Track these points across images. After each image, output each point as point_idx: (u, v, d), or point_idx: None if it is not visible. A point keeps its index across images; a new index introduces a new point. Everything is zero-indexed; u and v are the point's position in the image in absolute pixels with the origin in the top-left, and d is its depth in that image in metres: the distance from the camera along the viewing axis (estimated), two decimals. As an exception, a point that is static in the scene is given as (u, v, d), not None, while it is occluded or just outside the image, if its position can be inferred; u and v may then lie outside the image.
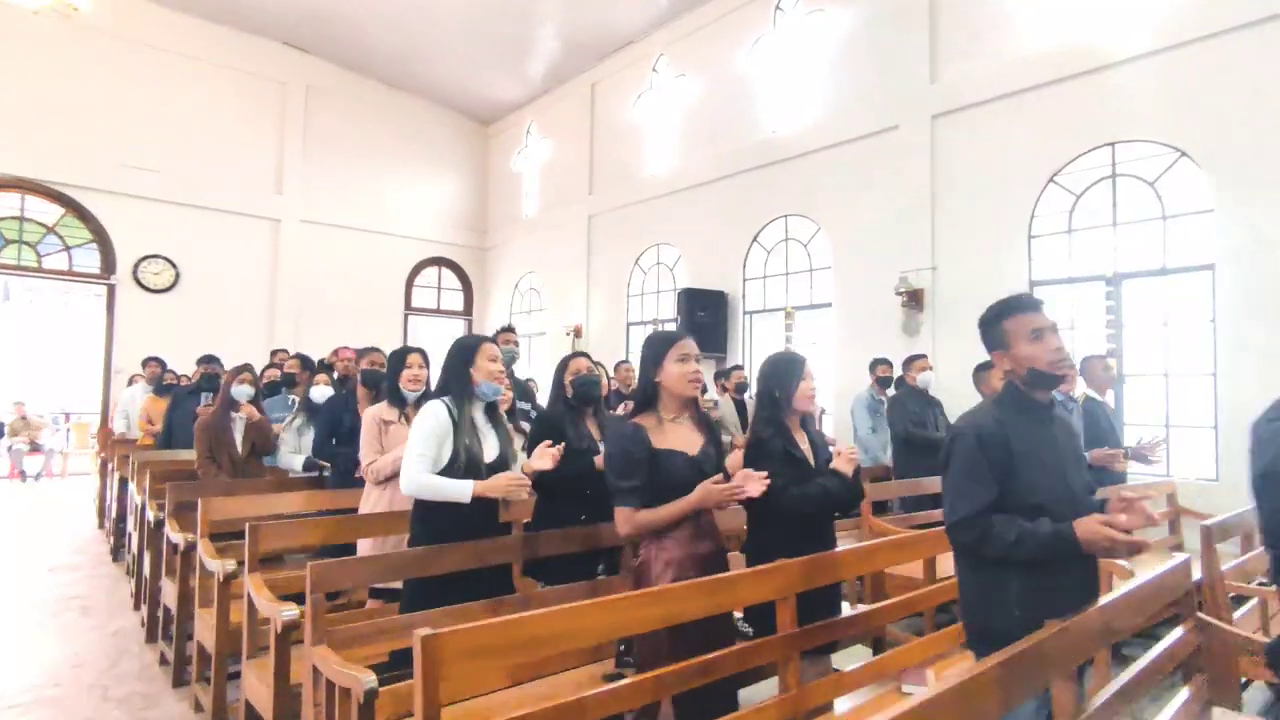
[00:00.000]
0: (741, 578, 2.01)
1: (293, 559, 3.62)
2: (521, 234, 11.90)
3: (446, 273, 12.65)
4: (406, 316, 12.04)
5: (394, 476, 3.05)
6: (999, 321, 1.84)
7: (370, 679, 1.70)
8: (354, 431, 3.56)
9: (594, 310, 10.20)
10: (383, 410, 3.17)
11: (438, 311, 12.54)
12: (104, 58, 9.04)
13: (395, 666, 2.17)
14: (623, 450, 2.09)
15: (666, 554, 2.11)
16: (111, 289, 9.35)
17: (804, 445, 2.35)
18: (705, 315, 7.93)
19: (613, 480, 2.10)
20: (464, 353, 2.43)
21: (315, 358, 5.91)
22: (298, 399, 5.02)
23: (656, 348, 2.17)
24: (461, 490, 2.26)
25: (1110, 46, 5.43)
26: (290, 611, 2.19)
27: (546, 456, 2.41)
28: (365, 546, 3.03)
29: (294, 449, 4.17)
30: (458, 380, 2.41)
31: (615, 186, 10.03)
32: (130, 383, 8.26)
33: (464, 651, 1.46)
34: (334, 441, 3.67)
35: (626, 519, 2.09)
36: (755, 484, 2.06)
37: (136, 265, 9.47)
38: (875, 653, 2.89)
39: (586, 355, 2.99)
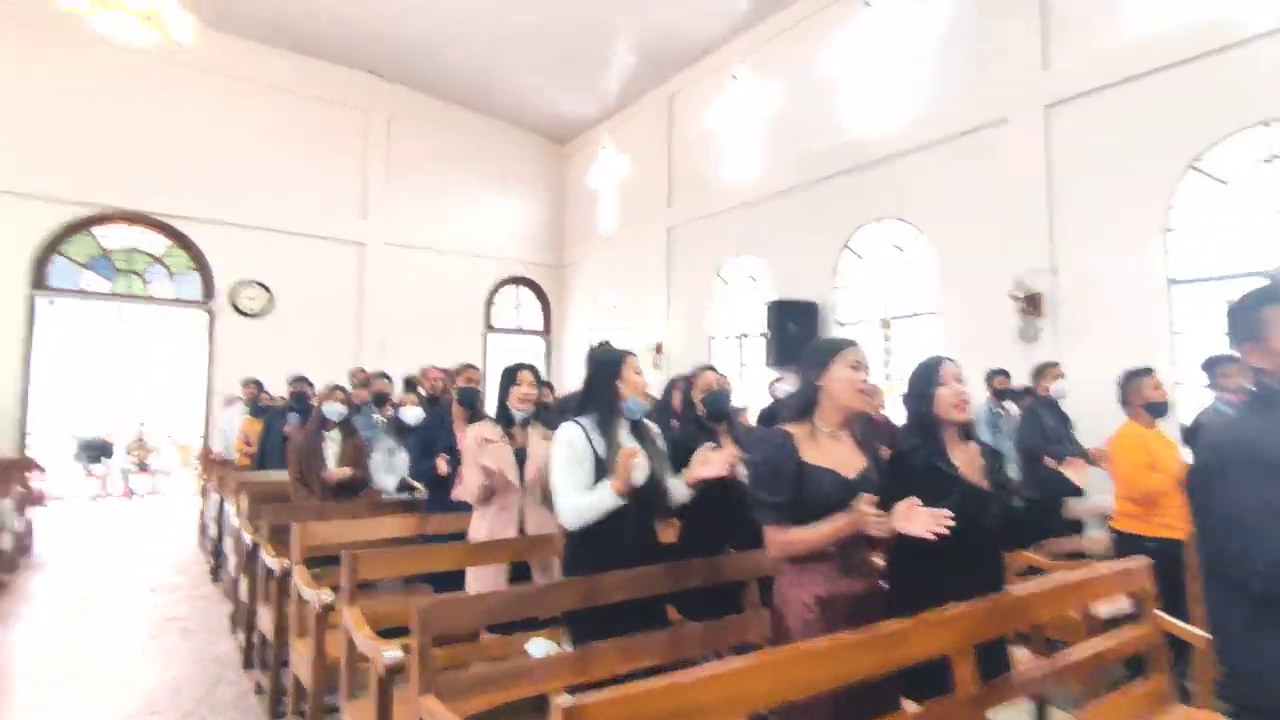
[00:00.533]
0: (914, 629, 1.67)
1: (386, 586, 3.48)
2: (599, 250, 11.82)
3: (525, 291, 12.69)
4: (486, 335, 12.11)
5: (486, 497, 2.88)
6: (1257, 308, 1.46)
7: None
8: (450, 451, 3.41)
9: (674, 324, 9.97)
10: (485, 429, 2.98)
11: (517, 330, 12.57)
12: (202, 95, 9.47)
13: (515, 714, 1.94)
14: (767, 460, 1.82)
15: (810, 590, 1.81)
16: (211, 314, 9.74)
17: (963, 460, 2.01)
18: (796, 328, 7.55)
19: (756, 494, 1.82)
20: (609, 367, 2.25)
21: (397, 377, 5.88)
22: (384, 419, 4.97)
23: (823, 351, 1.91)
24: (604, 498, 2.05)
25: (1253, 19, 4.83)
26: (394, 653, 1.99)
27: (716, 461, 2.14)
28: (473, 575, 2.85)
29: (386, 469, 4.06)
30: (603, 397, 2.22)
31: (695, 198, 9.81)
32: (228, 404, 8.53)
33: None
34: (429, 463, 3.51)
35: (776, 539, 1.81)
36: (921, 521, 1.71)
37: (233, 291, 9.83)
38: (1040, 714, 2.50)
39: (713, 368, 2.73)
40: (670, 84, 10.22)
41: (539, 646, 2.46)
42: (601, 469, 2.14)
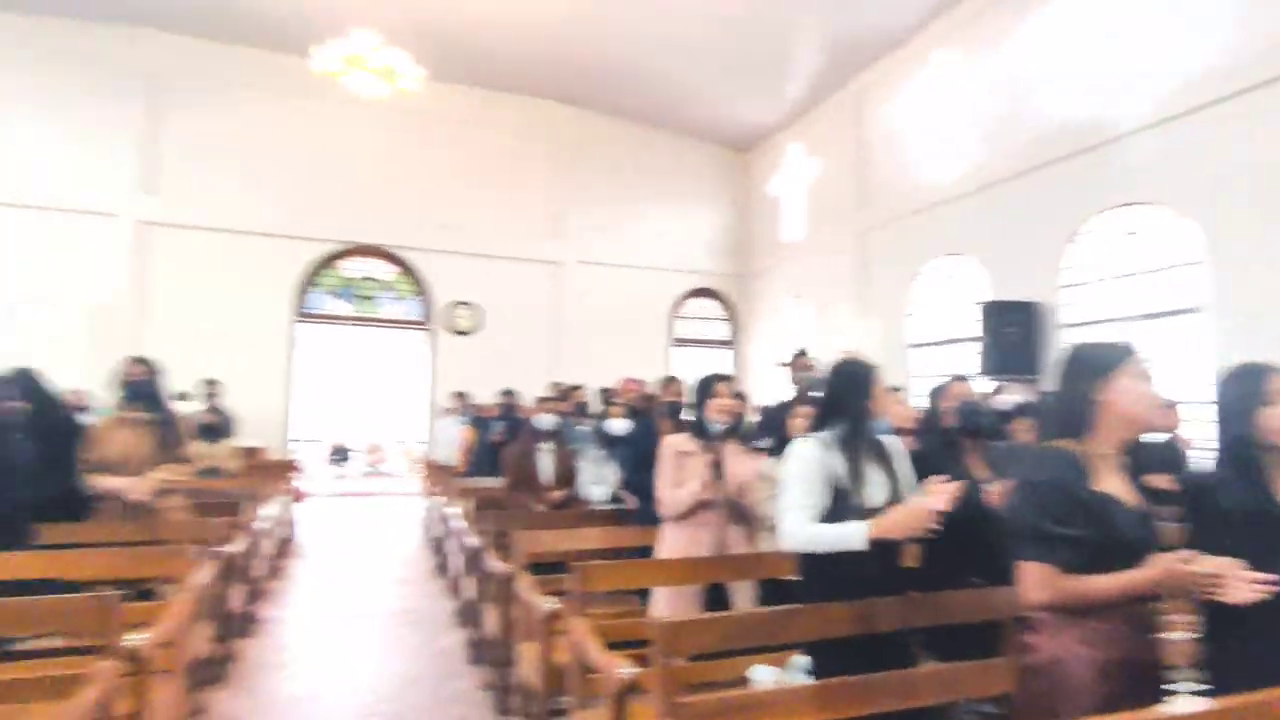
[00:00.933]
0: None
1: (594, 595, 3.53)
2: (785, 258, 11.54)
3: (710, 302, 12.71)
4: (672, 348, 12.27)
5: (688, 513, 2.80)
6: None
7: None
8: (660, 463, 3.39)
9: (868, 332, 9.42)
10: (681, 441, 2.92)
11: (701, 342, 12.61)
12: (421, 139, 10.55)
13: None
14: (1058, 483, 1.53)
15: (1094, 653, 1.48)
16: (432, 333, 10.79)
17: None
18: (1015, 331, 6.79)
19: (1037, 523, 1.53)
20: (860, 381, 2.09)
21: (589, 390, 6.07)
22: (586, 429, 5.13)
23: (1101, 360, 1.60)
24: (853, 536, 1.86)
25: None
26: (630, 670, 1.95)
27: (942, 494, 1.89)
28: (663, 594, 2.79)
29: (595, 479, 4.15)
30: (850, 413, 2.06)
31: (889, 198, 9.23)
32: (445, 415, 9.37)
33: None
34: (642, 476, 3.52)
35: (1045, 582, 1.51)
36: (1244, 591, 1.34)
37: (449, 311, 10.83)
38: None
39: (964, 377, 2.46)
40: (857, 81, 9.74)
41: (765, 673, 2.32)
42: (842, 495, 1.96)
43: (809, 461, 1.97)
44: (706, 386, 2.92)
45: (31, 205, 8.94)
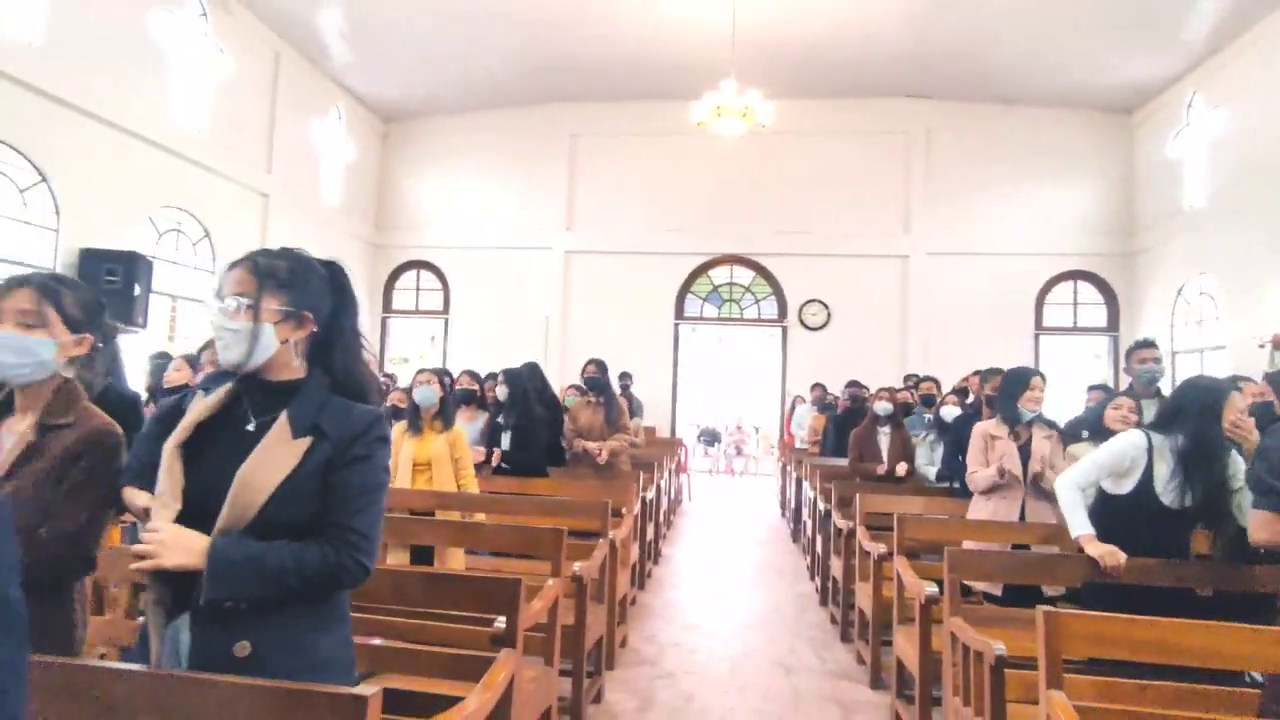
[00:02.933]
0: None
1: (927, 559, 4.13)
2: (1183, 230, 9.94)
3: (1084, 286, 11.52)
4: (1037, 336, 11.47)
5: (990, 489, 3.28)
6: None
7: (1000, 647, 2.00)
8: (982, 448, 3.87)
9: (1304, 313, 7.77)
10: (991, 426, 3.40)
11: (1073, 329, 11.52)
12: (774, 154, 11.67)
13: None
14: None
15: None
16: (784, 330, 11.95)
17: None
18: None
19: (1261, 478, 1.86)
20: (1210, 403, 2.35)
21: (945, 382, 6.42)
22: (929, 417, 5.61)
23: None
24: (1077, 526, 2.36)
25: None
26: (931, 588, 2.66)
27: (1116, 560, 2.25)
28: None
29: (928, 461, 4.71)
30: (1196, 431, 2.35)
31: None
32: (794, 404, 10.41)
33: (1087, 636, 1.64)
34: (960, 458, 4.03)
35: (1266, 525, 1.82)
36: None
37: (800, 309, 11.84)
38: None
39: None
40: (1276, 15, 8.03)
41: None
42: (1145, 491, 2.34)
43: (1116, 454, 2.41)
44: (1023, 380, 3.38)
45: (495, 247, 12.37)
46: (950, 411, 4.68)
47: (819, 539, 5.22)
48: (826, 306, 11.78)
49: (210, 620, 1.20)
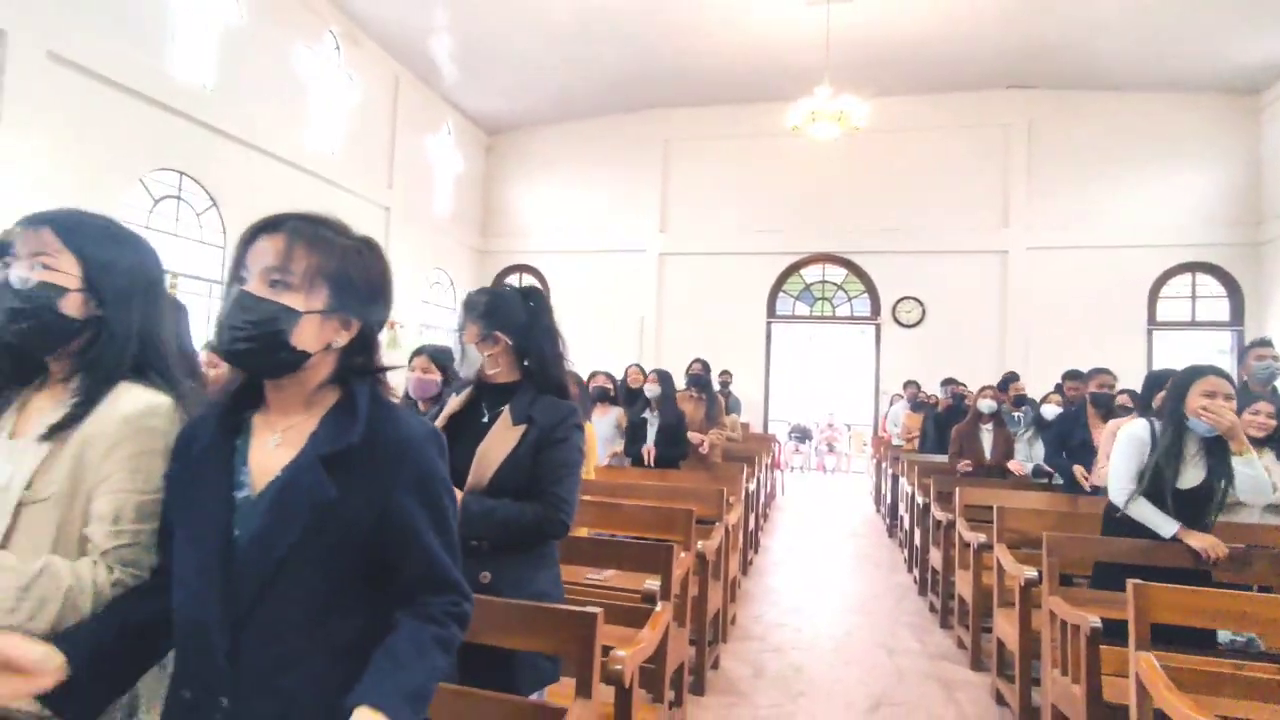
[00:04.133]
0: None
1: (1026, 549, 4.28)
2: (1317, 217, 9.34)
3: (1203, 278, 10.95)
4: (1150, 332, 10.99)
5: None
6: None
7: (1095, 620, 2.24)
8: (1083, 445, 4.00)
9: None
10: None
11: (1191, 324, 10.97)
12: (867, 153, 11.67)
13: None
14: None
15: None
16: (878, 327, 11.94)
17: None
18: None
19: None
20: (1177, 384, 2.63)
21: (1049, 379, 6.43)
22: (1021, 415, 5.69)
23: None
24: (1162, 527, 2.55)
25: None
26: (1031, 572, 2.89)
27: (1217, 550, 2.42)
28: None
29: (1025, 457, 4.83)
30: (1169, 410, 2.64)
31: None
32: (892, 402, 10.43)
33: (1173, 605, 1.87)
34: (1063, 454, 4.16)
35: None
36: None
37: (894, 306, 11.81)
38: None
39: None
40: None
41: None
42: (1158, 474, 2.57)
43: (1134, 446, 2.62)
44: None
45: (592, 250, 12.94)
46: (1051, 410, 4.77)
47: (917, 532, 5.40)
48: (921, 303, 11.70)
49: (463, 554, 1.67)
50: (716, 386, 7.60)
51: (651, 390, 4.83)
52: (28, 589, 1.00)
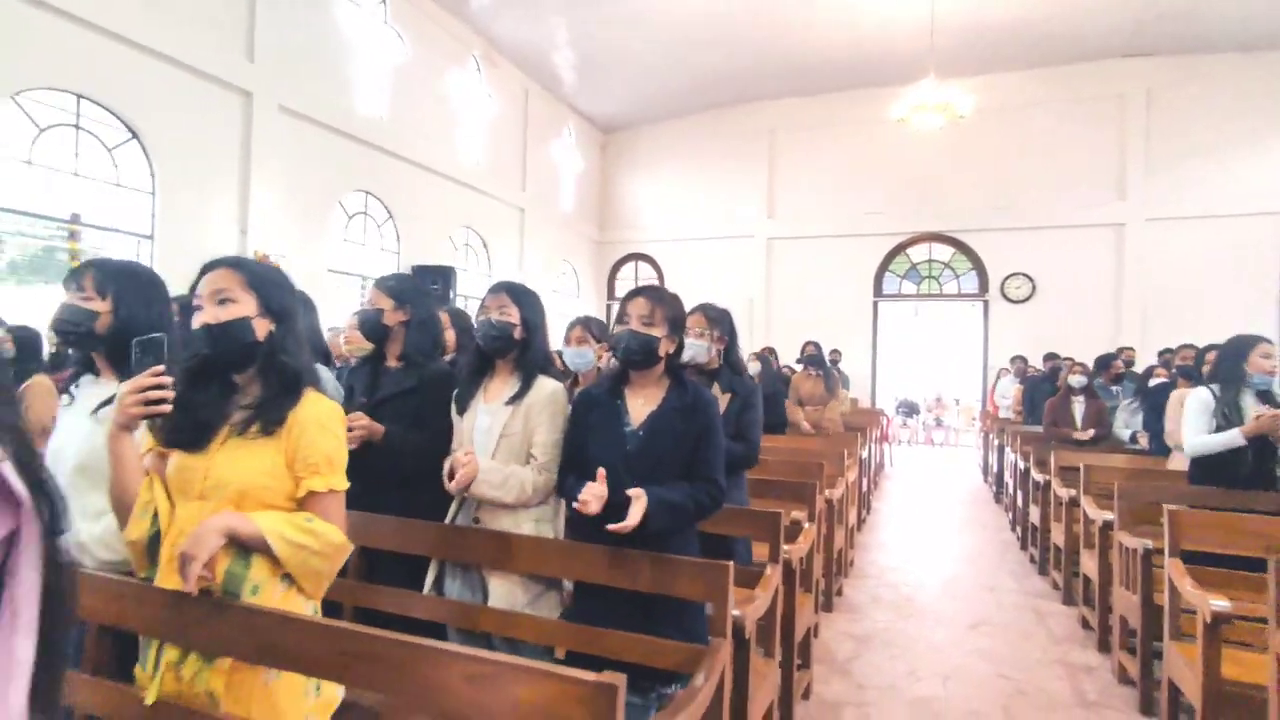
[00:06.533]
0: None
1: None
2: None
3: (1345, 244, 10.49)
4: (1282, 302, 10.66)
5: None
6: None
7: (1148, 543, 2.92)
8: (1171, 413, 4.50)
9: None
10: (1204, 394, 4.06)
11: (1328, 292, 10.55)
12: (976, 132, 11.74)
13: None
14: None
15: None
16: (986, 304, 12.14)
17: None
18: None
19: None
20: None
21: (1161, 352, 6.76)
22: (1118, 387, 6.11)
23: None
24: (1230, 438, 3.11)
25: None
26: (1109, 514, 3.54)
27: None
28: None
29: (1123, 425, 5.32)
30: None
31: None
32: (999, 376, 10.71)
33: (1198, 525, 2.56)
34: (1159, 423, 4.66)
35: None
36: None
37: (1003, 283, 11.96)
38: None
39: None
40: None
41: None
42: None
43: (1200, 407, 3.19)
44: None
45: (703, 238, 13.74)
46: (1156, 382, 5.22)
47: (1020, 494, 5.99)
48: (1031, 279, 11.80)
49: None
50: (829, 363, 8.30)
51: (753, 367, 5.68)
52: (507, 478, 2.01)
